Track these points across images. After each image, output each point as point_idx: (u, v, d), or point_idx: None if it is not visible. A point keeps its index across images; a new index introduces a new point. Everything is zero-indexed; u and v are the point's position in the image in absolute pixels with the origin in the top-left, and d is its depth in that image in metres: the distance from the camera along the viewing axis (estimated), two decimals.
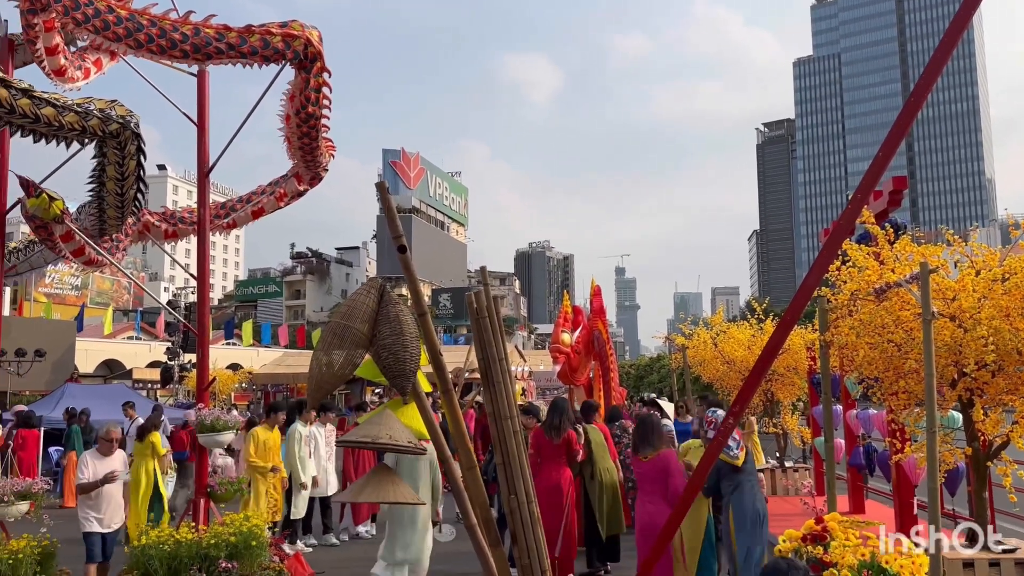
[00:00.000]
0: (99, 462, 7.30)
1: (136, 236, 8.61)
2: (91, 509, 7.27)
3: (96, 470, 7.22)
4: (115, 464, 7.41)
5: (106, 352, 39.78)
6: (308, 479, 9.51)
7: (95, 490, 7.19)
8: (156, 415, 10.52)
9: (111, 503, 7.39)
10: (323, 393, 3.14)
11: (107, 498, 7.35)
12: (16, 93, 6.03)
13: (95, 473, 7.20)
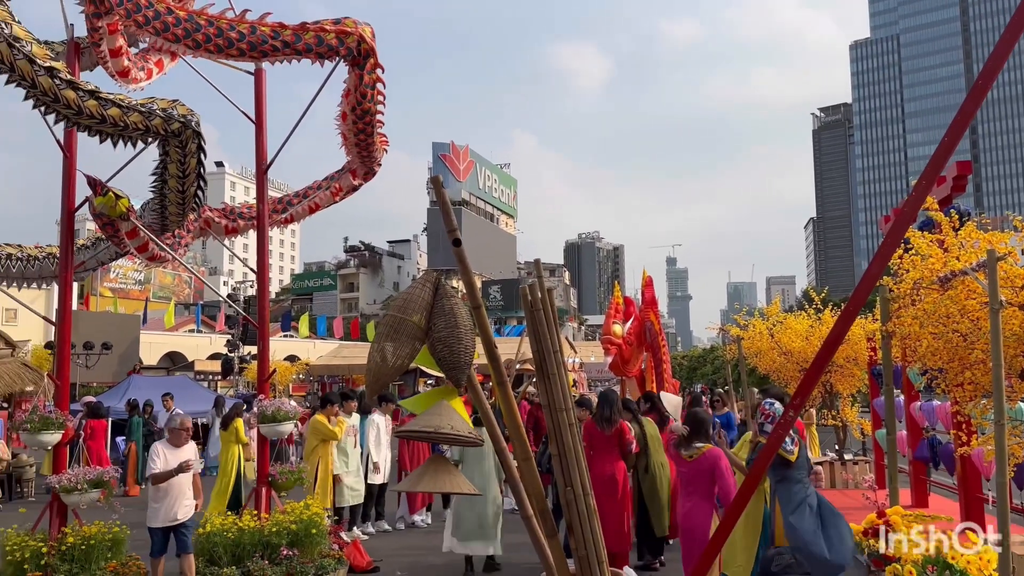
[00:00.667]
0: (170, 452, 7.23)
1: (197, 232, 8.84)
2: (156, 501, 7.19)
3: (167, 461, 7.16)
4: (187, 454, 7.33)
5: (169, 344, 40.96)
6: (349, 469, 9.66)
7: (167, 480, 7.13)
8: (239, 405, 10.79)
9: (179, 495, 7.29)
10: (381, 385, 3.20)
11: (176, 489, 7.27)
12: (83, 95, 6.24)
13: (166, 464, 7.14)
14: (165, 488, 7.15)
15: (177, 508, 7.23)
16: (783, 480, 5.75)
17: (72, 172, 7.50)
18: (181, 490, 7.28)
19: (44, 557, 6.76)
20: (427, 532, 10.47)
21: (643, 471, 7.80)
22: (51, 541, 6.90)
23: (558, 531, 4.09)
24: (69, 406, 7.73)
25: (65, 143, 7.50)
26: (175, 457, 7.20)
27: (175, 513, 7.22)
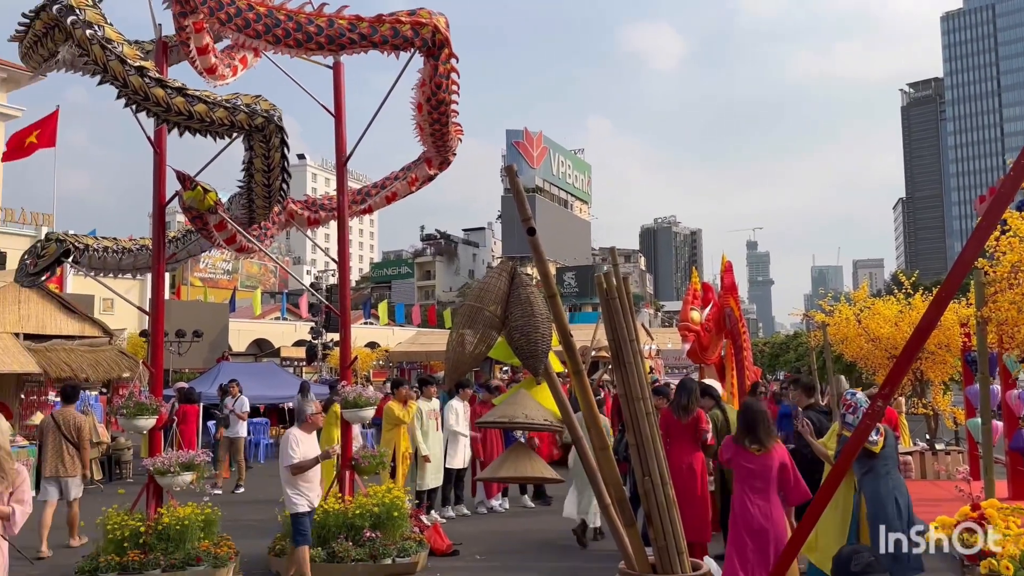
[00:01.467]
0: (306, 440, 6.95)
1: (282, 224, 9.10)
2: (301, 488, 6.86)
3: (306, 448, 6.88)
4: (315, 441, 7.17)
5: (256, 332, 42.38)
6: (431, 452, 9.81)
7: (312, 468, 6.92)
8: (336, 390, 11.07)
9: (318, 481, 7.11)
10: (459, 373, 3.23)
11: (317, 476, 7.09)
12: (171, 92, 6.49)
13: (305, 452, 6.86)
14: (311, 475, 6.93)
15: (318, 494, 7.08)
16: (869, 472, 5.57)
17: (162, 167, 7.81)
18: (318, 476, 7.14)
19: (142, 536, 7.12)
20: (505, 517, 10.57)
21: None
22: (148, 521, 7.26)
23: (636, 520, 4.07)
24: (162, 392, 8.09)
25: (155, 139, 7.82)
26: (310, 444, 6.98)
27: (316, 499, 7.04)
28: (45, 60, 6.93)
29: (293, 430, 6.97)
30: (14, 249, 29.19)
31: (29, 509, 4.75)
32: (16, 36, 7.02)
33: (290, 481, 6.83)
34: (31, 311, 13.43)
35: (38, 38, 6.78)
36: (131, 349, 19.62)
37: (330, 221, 9.23)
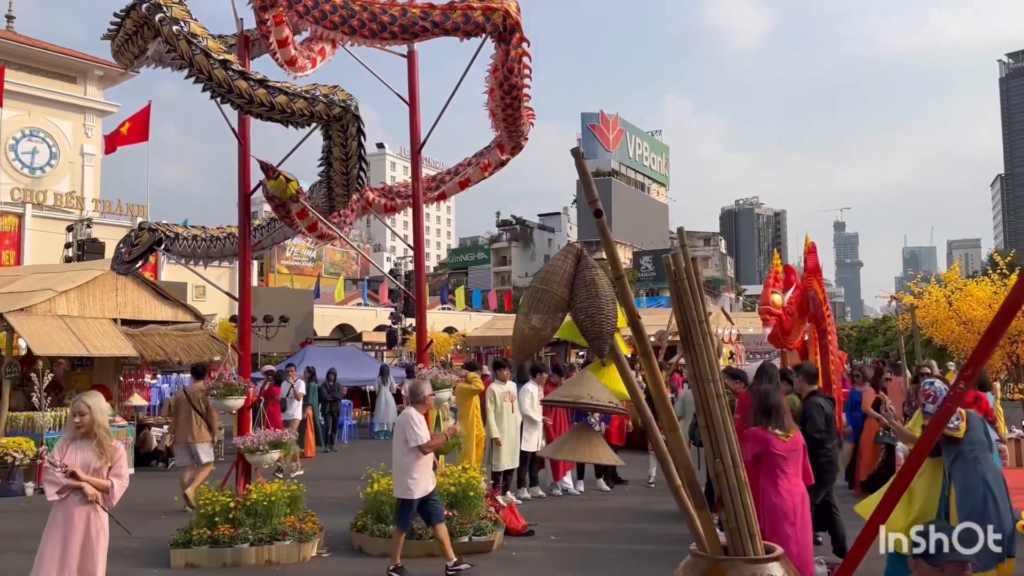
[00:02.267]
0: (424, 421, 6.98)
1: (360, 211, 9.33)
2: (418, 473, 6.77)
3: (424, 430, 6.88)
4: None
5: (339, 317, 43.54)
6: (502, 435, 9.90)
7: (434, 450, 6.97)
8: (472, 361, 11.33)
9: (431, 466, 7.08)
10: (526, 355, 3.28)
11: (431, 461, 7.06)
12: (254, 84, 6.73)
13: (425, 433, 6.89)
14: (427, 460, 6.87)
15: (432, 480, 6.99)
16: (957, 458, 5.38)
17: (246, 158, 8.11)
18: (432, 461, 7.09)
19: (232, 511, 7.47)
20: (581, 499, 10.63)
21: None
22: (237, 497, 7.61)
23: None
24: (251, 374, 8.44)
25: (239, 131, 8.11)
26: (425, 427, 7.00)
27: (431, 485, 6.93)
28: (136, 57, 7.28)
29: (411, 410, 6.92)
30: (112, 239, 30.80)
31: (126, 483, 5.06)
32: (108, 34, 7.39)
33: (409, 466, 6.71)
34: (128, 298, 14.15)
35: (129, 36, 7.13)
36: (222, 334, 20.43)
37: (406, 208, 9.41)
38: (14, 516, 10.11)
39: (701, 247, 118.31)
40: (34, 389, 12.18)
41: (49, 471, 4.86)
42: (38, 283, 13.48)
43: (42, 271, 15.56)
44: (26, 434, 11.78)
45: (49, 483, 4.85)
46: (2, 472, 11.39)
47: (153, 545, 7.72)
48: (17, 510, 10.49)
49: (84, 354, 12.92)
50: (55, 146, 39.66)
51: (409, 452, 6.73)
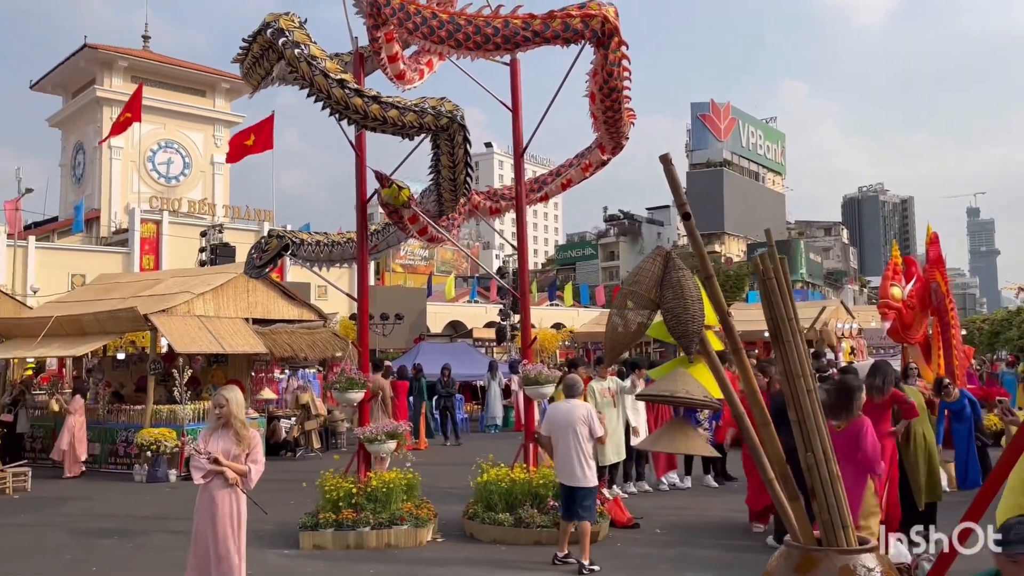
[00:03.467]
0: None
1: (467, 214, 9.75)
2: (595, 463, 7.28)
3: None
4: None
5: (451, 314, 44.68)
6: (609, 429, 10.05)
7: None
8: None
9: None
10: (617, 352, 3.50)
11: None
12: (368, 100, 7.21)
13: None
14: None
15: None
16: None
17: (363, 168, 8.65)
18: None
19: (354, 497, 8.03)
20: (687, 494, 10.68)
21: (904, 442, 7.41)
22: (359, 483, 8.16)
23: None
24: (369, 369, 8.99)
25: (356, 143, 8.66)
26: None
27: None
28: (263, 78, 7.92)
29: (589, 405, 7.48)
30: (242, 243, 32.83)
31: (262, 468, 5.60)
32: (237, 58, 8.06)
33: (591, 455, 7.08)
34: (258, 299, 15.20)
35: (256, 59, 7.76)
36: (343, 331, 21.48)
37: (510, 210, 9.75)
38: (161, 500, 11.15)
39: (821, 237, 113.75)
40: (175, 384, 13.32)
41: (195, 458, 5.45)
42: (177, 286, 14.67)
43: (181, 275, 16.89)
44: (169, 425, 12.88)
45: (195, 468, 5.45)
46: (149, 460, 12.52)
47: (283, 528, 8.37)
48: (163, 494, 11.54)
49: (220, 351, 13.99)
50: (188, 156, 42.58)
51: (589, 442, 7.03)
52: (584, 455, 6.95)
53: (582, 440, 6.94)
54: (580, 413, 7.07)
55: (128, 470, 12.82)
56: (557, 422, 7.07)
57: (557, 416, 7.12)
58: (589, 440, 7.00)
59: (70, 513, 10.34)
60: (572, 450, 6.92)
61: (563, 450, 6.97)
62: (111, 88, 40.30)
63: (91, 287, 17.39)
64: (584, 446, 6.95)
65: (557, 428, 7.05)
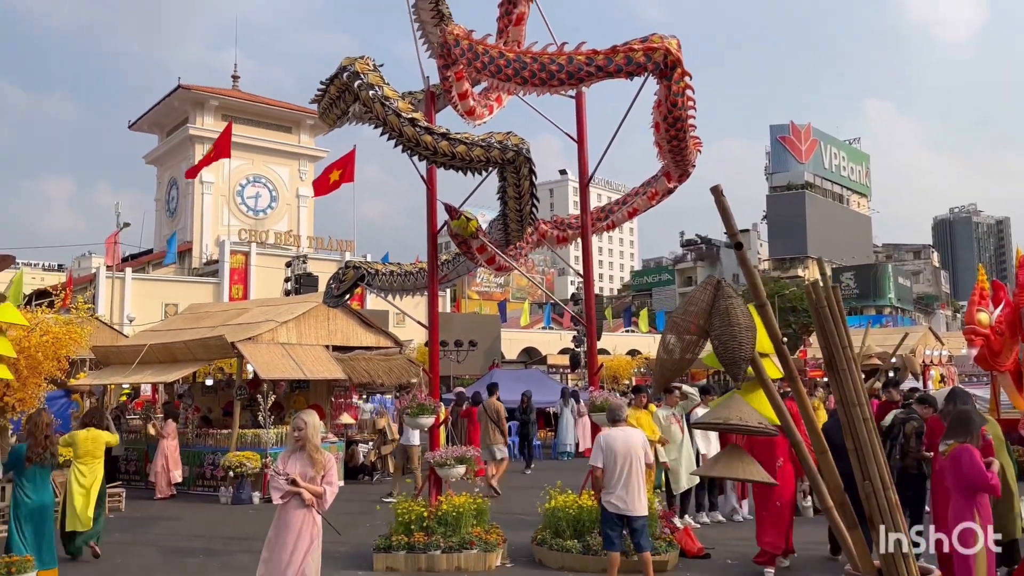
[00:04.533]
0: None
1: (534, 243, 9.96)
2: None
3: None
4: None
5: (525, 340, 44.97)
6: (668, 458, 9.98)
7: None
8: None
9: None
10: (667, 379, 3.61)
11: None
12: (437, 137, 7.54)
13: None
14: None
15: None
16: None
17: (433, 201, 8.98)
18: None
19: (425, 520, 8.23)
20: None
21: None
22: (430, 507, 8.37)
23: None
24: (441, 395, 9.23)
25: (427, 177, 9.00)
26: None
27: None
28: (339, 117, 8.37)
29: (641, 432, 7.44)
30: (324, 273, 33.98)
31: (336, 490, 5.87)
32: (315, 99, 8.54)
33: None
34: (337, 326, 15.74)
35: (333, 100, 8.22)
36: (419, 358, 21.96)
37: (577, 238, 9.91)
38: (245, 521, 11.61)
39: (910, 260, 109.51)
40: (260, 409, 13.88)
41: (275, 479, 5.76)
42: (262, 315, 15.34)
43: (265, 304, 17.64)
44: (253, 449, 13.42)
45: (275, 489, 5.75)
46: (234, 482, 13.06)
47: (359, 549, 8.64)
48: (247, 516, 12.01)
49: (302, 378, 14.54)
50: (275, 190, 44.43)
51: (644, 470, 6.99)
52: (643, 483, 6.90)
53: (642, 467, 6.87)
54: (638, 439, 7.00)
55: (215, 492, 13.40)
56: (617, 450, 6.93)
57: (616, 444, 6.96)
58: (645, 468, 6.95)
59: (160, 532, 10.89)
60: (634, 477, 6.82)
61: (624, 478, 6.84)
62: (203, 126, 42.55)
63: (182, 316, 18.34)
64: (643, 473, 6.89)
65: (617, 456, 6.90)
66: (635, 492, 6.84)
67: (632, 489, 6.84)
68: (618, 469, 6.83)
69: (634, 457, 6.85)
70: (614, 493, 6.87)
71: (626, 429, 7.11)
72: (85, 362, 16.00)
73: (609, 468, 6.89)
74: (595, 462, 6.95)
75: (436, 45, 8.52)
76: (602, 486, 6.93)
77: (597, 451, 7.02)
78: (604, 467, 6.90)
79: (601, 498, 7.00)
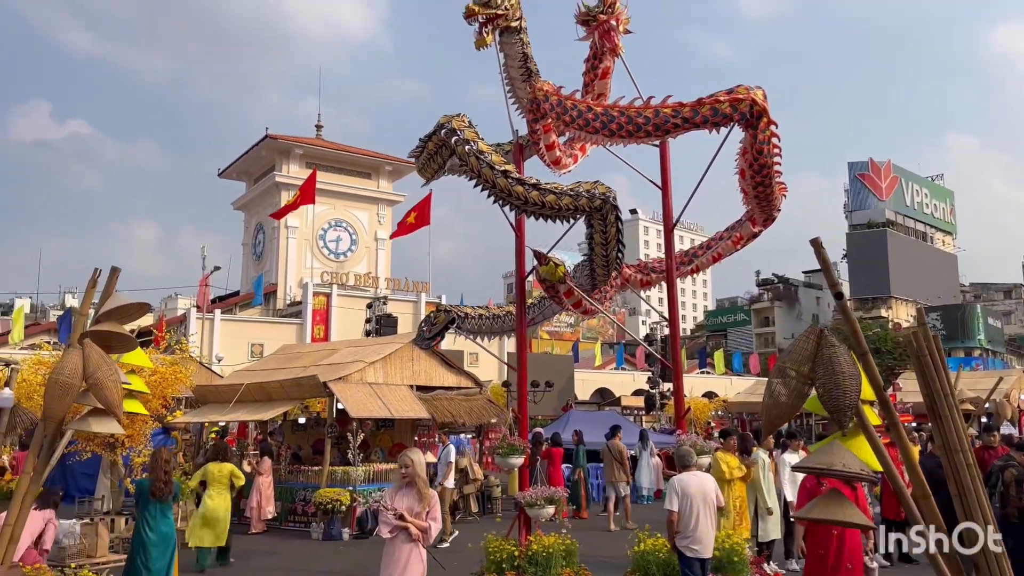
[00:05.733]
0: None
1: (618, 287, 10.18)
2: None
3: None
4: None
5: (598, 381, 44.77)
6: (773, 503, 9.90)
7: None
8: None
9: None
10: (774, 425, 3.76)
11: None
12: (528, 188, 7.88)
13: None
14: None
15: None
16: None
17: (522, 248, 9.31)
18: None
19: (516, 560, 8.40)
20: None
21: None
22: (520, 547, 8.55)
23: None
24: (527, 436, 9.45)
25: (516, 225, 9.36)
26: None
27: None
28: (436, 171, 8.83)
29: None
30: (401, 313, 34.90)
31: (440, 525, 6.14)
32: (414, 153, 9.03)
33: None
34: (421, 367, 16.20)
35: (431, 155, 8.69)
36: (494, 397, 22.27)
37: (660, 282, 10.09)
38: (335, 557, 12.00)
39: (1001, 300, 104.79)
40: (349, 447, 14.35)
41: (382, 513, 6.07)
42: (351, 355, 15.92)
43: (353, 344, 18.27)
44: (342, 486, 13.86)
45: (383, 523, 6.06)
46: (325, 518, 13.49)
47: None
48: (337, 552, 12.40)
49: (388, 416, 14.99)
50: (355, 233, 45.91)
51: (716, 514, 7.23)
52: (713, 526, 7.12)
53: (714, 511, 7.11)
54: (710, 484, 7.25)
55: (306, 528, 13.86)
56: (692, 494, 7.12)
57: (691, 488, 7.16)
58: (716, 511, 7.18)
59: (256, 566, 11.36)
60: (709, 520, 7.01)
61: (699, 521, 7.02)
62: (288, 174, 44.45)
63: (274, 357, 19.12)
64: (714, 517, 7.12)
65: (693, 500, 7.10)
66: (709, 534, 7.10)
67: (707, 532, 7.08)
68: (694, 513, 7.02)
69: (707, 501, 7.08)
70: (691, 537, 7.07)
71: (698, 474, 7.34)
72: (181, 400, 16.86)
73: (685, 513, 7.08)
74: (671, 506, 7.14)
75: (525, 100, 8.92)
76: (678, 530, 7.11)
77: (672, 495, 7.21)
78: (680, 511, 7.10)
79: (677, 543, 7.20)
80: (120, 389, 4.52)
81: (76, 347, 4.52)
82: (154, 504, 7.70)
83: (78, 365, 4.42)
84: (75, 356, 4.45)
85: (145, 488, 7.79)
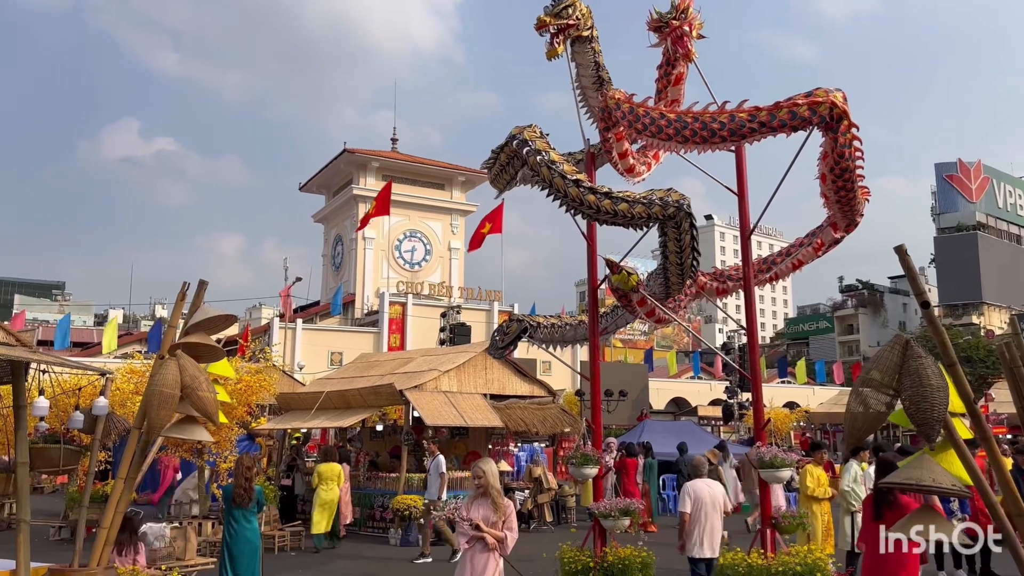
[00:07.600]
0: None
1: (692, 295, 10.01)
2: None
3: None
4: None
5: (673, 391, 44.10)
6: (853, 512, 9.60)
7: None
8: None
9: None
10: (857, 436, 3.65)
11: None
12: (600, 197, 7.85)
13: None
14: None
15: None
16: None
17: (594, 256, 9.29)
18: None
19: (591, 571, 8.35)
20: None
21: None
22: (595, 557, 8.49)
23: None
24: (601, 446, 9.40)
25: (587, 234, 9.34)
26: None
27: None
28: (508, 181, 8.89)
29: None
30: (475, 322, 35.19)
31: (516, 535, 6.16)
32: (486, 165, 9.11)
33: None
34: (494, 375, 16.29)
35: (503, 166, 8.75)
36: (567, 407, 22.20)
37: (737, 290, 9.88)
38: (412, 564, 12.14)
39: None
40: (424, 454, 14.54)
41: (459, 524, 6.13)
42: (426, 364, 16.15)
43: (428, 354, 18.52)
44: (419, 492, 14.02)
45: (460, 534, 6.12)
46: (402, 524, 13.69)
47: None
48: (414, 557, 12.54)
49: (463, 425, 15.12)
50: (429, 244, 46.61)
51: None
52: (719, 530, 8.05)
53: (720, 515, 7.99)
54: (719, 491, 8.14)
55: (383, 534, 14.09)
56: (704, 499, 8.01)
57: (703, 494, 8.04)
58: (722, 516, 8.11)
59: (337, 571, 11.62)
60: (718, 524, 7.85)
61: (709, 525, 7.90)
62: (365, 186, 45.45)
63: (353, 365, 19.55)
64: (720, 521, 8.04)
65: (705, 504, 7.99)
66: (716, 537, 8.03)
67: (714, 534, 8.01)
68: (704, 517, 7.94)
69: (717, 506, 8.02)
70: (701, 539, 8.06)
71: (708, 481, 8.23)
72: (264, 408, 17.39)
73: (696, 516, 8.02)
74: (684, 508, 8.10)
75: (597, 109, 8.90)
76: (688, 531, 8.06)
77: (685, 499, 8.15)
78: (691, 514, 8.06)
79: (686, 544, 8.14)
80: (215, 398, 4.72)
81: (171, 358, 4.74)
82: (237, 509, 7.96)
83: (177, 376, 4.63)
84: (172, 367, 4.66)
85: (229, 494, 8.06)
